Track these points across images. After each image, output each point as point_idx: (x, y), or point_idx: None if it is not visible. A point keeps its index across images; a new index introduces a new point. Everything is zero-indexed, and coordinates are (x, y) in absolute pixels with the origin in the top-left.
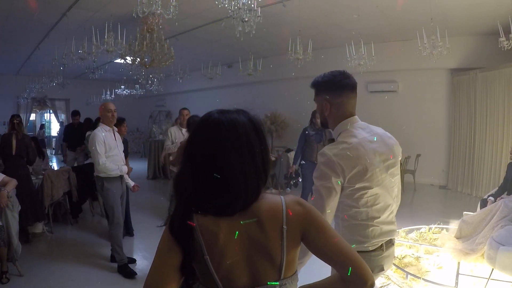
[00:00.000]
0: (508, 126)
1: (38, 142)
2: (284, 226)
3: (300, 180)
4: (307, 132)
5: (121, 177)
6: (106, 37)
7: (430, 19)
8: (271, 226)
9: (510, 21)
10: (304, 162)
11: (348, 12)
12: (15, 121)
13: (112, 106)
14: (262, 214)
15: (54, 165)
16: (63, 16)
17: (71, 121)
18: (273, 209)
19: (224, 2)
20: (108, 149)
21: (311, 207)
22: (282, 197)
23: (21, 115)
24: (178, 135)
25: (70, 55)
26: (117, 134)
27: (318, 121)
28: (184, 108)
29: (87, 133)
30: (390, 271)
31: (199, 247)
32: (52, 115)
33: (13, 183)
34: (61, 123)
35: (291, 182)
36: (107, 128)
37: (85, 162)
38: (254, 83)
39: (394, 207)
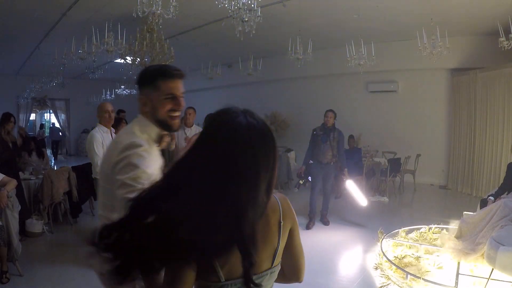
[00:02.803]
0: (508, 126)
1: (37, 142)
2: (281, 221)
3: (310, 179)
4: (315, 132)
5: None
6: (106, 37)
7: (430, 19)
8: (273, 219)
9: (510, 21)
10: (312, 162)
11: (348, 12)
12: None
13: (109, 107)
14: (268, 209)
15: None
16: (63, 16)
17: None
18: (272, 204)
19: (224, 2)
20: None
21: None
22: (274, 195)
23: (21, 115)
24: (180, 134)
25: (70, 55)
26: (114, 135)
27: (331, 120)
28: (190, 108)
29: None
30: (390, 271)
31: None
32: (52, 115)
33: (13, 183)
34: (52, 124)
35: (301, 182)
36: (105, 129)
37: None
38: (254, 83)
39: None
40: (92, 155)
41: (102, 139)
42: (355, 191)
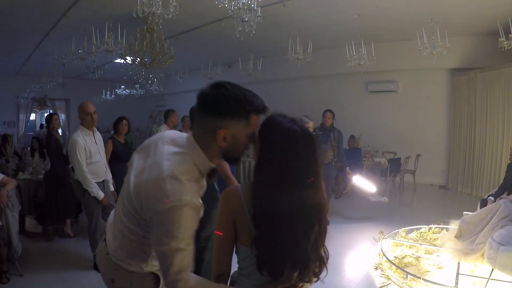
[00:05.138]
0: (508, 126)
1: (40, 143)
2: None
3: None
4: (315, 133)
5: (103, 181)
6: (106, 37)
7: (430, 19)
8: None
9: (510, 21)
10: None
11: (348, 12)
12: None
13: (91, 108)
14: None
15: None
16: (63, 16)
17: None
18: None
19: (224, 2)
20: (89, 156)
21: None
22: None
23: (21, 115)
24: None
25: (70, 55)
26: (98, 137)
27: (329, 120)
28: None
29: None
30: (390, 271)
31: None
32: None
33: (13, 183)
34: (41, 125)
35: None
36: (87, 131)
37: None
38: (254, 83)
39: None
40: (74, 164)
41: (84, 143)
42: (362, 182)
